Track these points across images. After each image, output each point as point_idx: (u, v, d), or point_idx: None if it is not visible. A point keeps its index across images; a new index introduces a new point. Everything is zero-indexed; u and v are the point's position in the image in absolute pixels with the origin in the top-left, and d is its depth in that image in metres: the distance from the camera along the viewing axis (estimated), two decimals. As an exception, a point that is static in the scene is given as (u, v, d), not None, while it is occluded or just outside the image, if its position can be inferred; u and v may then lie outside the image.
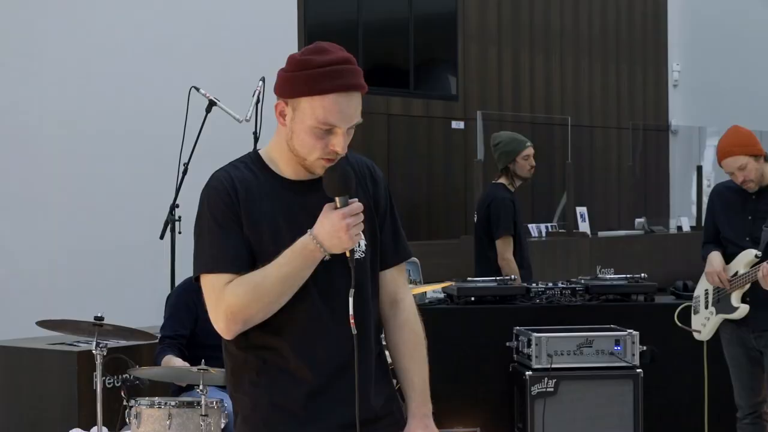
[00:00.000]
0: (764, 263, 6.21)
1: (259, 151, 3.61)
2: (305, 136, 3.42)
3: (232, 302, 3.35)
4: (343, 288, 3.38)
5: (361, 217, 3.35)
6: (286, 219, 3.45)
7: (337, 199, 3.35)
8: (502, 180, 8.85)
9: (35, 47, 10.34)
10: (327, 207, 3.35)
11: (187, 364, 6.17)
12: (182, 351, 6.41)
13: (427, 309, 7.41)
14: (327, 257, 3.36)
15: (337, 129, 3.44)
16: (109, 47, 10.82)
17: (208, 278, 3.41)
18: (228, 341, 3.51)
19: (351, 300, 3.35)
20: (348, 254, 3.37)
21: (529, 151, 8.83)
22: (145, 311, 8.85)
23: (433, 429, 3.75)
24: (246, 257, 3.40)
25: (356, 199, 3.38)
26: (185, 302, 6.63)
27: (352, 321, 3.34)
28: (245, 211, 3.42)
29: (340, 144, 3.44)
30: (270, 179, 3.51)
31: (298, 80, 3.40)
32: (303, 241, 3.34)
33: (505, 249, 8.46)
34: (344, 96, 3.45)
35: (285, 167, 3.53)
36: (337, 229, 3.31)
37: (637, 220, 14.09)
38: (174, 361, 6.27)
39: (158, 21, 11.22)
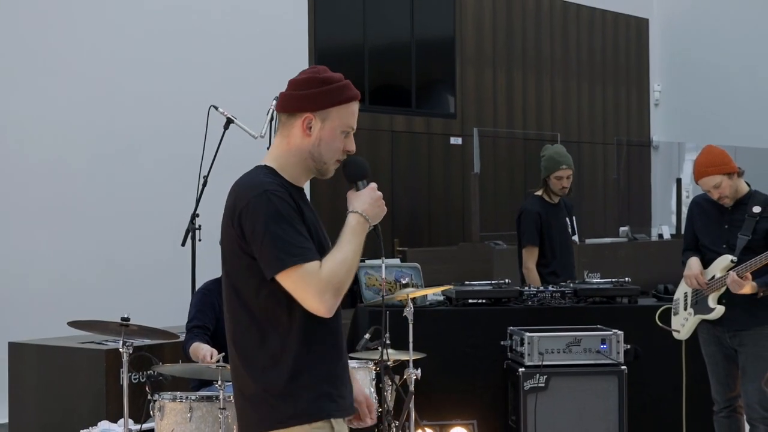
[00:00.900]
0: (731, 272, 6.24)
1: (266, 165, 3.74)
2: (332, 141, 3.67)
3: (336, 280, 3.51)
4: None
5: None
6: (307, 214, 3.69)
7: (358, 183, 3.68)
8: (540, 192, 8.56)
9: (67, 65, 10.36)
10: (350, 192, 3.69)
11: (214, 350, 6.17)
12: (208, 340, 6.41)
13: (427, 310, 7.41)
14: (371, 228, 3.67)
15: (351, 132, 3.73)
16: (137, 68, 10.85)
17: (303, 267, 3.49)
18: (267, 327, 3.59)
19: (383, 267, 3.73)
20: (377, 225, 3.70)
21: (562, 172, 8.35)
22: (168, 312, 8.84)
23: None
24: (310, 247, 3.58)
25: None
26: (210, 301, 6.63)
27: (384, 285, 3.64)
28: (300, 211, 3.63)
29: (353, 144, 3.74)
30: (289, 186, 3.67)
31: (330, 93, 3.65)
32: (356, 219, 3.63)
33: (527, 258, 8.33)
34: (356, 103, 3.74)
35: (290, 175, 3.71)
36: (376, 200, 3.66)
37: (622, 229, 14.09)
38: (202, 347, 6.26)
39: (180, 45, 11.24)
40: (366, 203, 3.65)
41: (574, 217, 8.62)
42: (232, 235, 3.59)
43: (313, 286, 3.49)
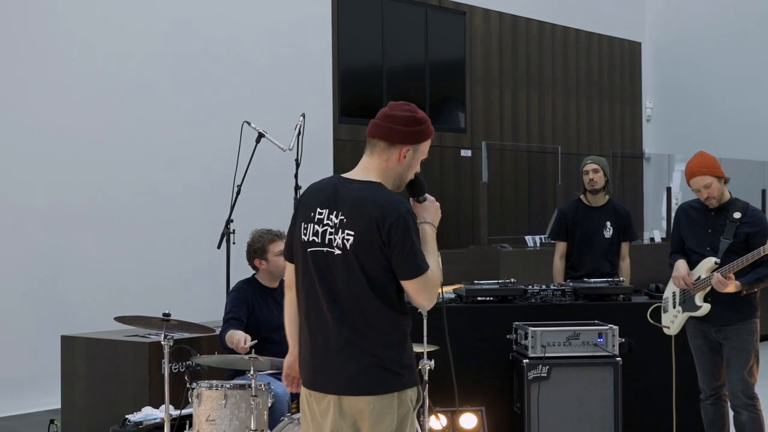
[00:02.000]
0: (715, 273, 6.23)
1: (381, 183, 4.11)
2: (416, 166, 4.16)
3: (439, 280, 4.01)
4: None
5: None
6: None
7: (420, 198, 4.18)
8: (580, 194, 8.54)
9: (125, 89, 10.39)
10: (416, 205, 4.15)
11: (247, 336, 6.18)
12: (242, 329, 6.43)
13: (441, 307, 7.40)
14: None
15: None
16: (180, 89, 10.89)
17: (428, 273, 3.93)
18: (396, 314, 3.99)
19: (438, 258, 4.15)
20: None
21: (588, 167, 8.35)
22: (205, 309, 8.86)
23: None
24: None
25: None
26: (243, 298, 6.65)
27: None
28: None
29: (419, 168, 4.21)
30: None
31: (424, 132, 4.17)
32: (430, 228, 4.12)
33: (555, 252, 8.45)
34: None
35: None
36: (437, 209, 4.19)
37: (617, 233, 14.06)
38: (237, 333, 6.28)
39: (218, 68, 11.28)
40: (432, 213, 4.16)
41: (625, 220, 8.43)
42: (377, 239, 3.91)
43: (430, 289, 3.97)
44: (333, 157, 12.56)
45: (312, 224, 4.02)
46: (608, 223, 8.31)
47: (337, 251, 3.95)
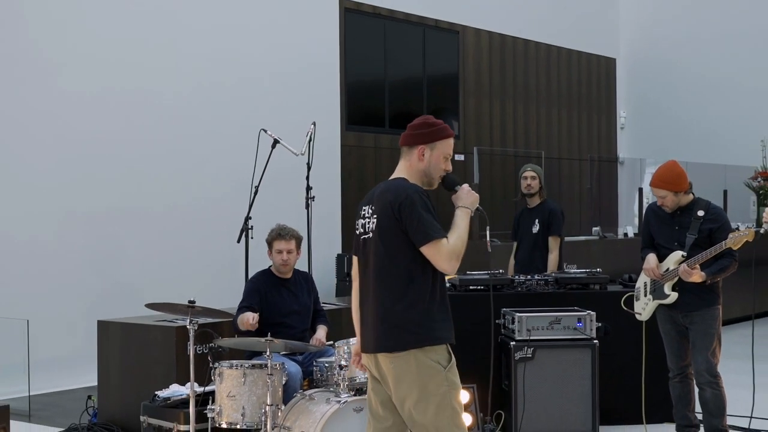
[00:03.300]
0: (683, 264, 6.24)
1: (402, 178, 4.40)
2: (438, 163, 4.40)
3: (457, 249, 4.22)
4: None
5: None
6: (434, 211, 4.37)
7: (455, 188, 4.47)
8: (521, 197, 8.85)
9: (156, 98, 10.40)
10: (453, 196, 4.45)
11: (256, 315, 6.22)
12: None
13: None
14: (473, 213, 4.42)
15: (449, 157, 4.46)
16: (204, 100, 10.89)
17: (440, 241, 4.19)
18: (411, 280, 4.24)
19: (488, 234, 4.68)
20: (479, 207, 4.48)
21: (525, 174, 8.64)
22: (226, 296, 8.85)
23: None
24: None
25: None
26: (257, 288, 6.67)
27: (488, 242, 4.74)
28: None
29: (450, 165, 4.46)
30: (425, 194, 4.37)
31: (436, 132, 4.39)
32: (460, 210, 4.39)
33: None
34: (452, 138, 4.48)
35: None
36: (468, 193, 4.44)
37: (594, 229, 14.03)
38: (247, 314, 6.32)
39: (237, 80, 11.28)
40: (463, 198, 4.41)
41: (549, 216, 8.59)
42: (392, 218, 4.24)
43: (444, 254, 4.19)
44: (340, 161, 12.56)
45: (360, 220, 4.43)
46: (537, 221, 8.58)
47: (370, 235, 4.34)
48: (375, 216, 4.31)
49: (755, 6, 16.42)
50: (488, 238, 4.67)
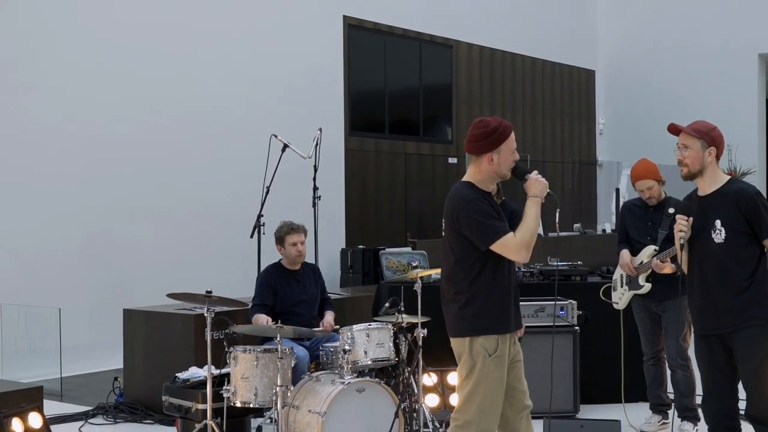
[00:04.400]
0: (655, 257, 6.25)
1: (468, 181, 4.41)
2: (507, 161, 4.36)
3: (525, 240, 4.21)
4: None
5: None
6: (497, 207, 4.40)
7: (525, 176, 4.39)
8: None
9: (177, 104, 10.40)
10: (525, 185, 4.38)
11: (269, 318, 6.21)
12: (267, 312, 6.46)
13: (432, 286, 7.39)
14: (543, 200, 4.35)
15: (515, 148, 4.41)
16: (220, 107, 10.90)
17: (503, 239, 4.21)
18: (467, 275, 4.30)
19: (557, 214, 4.73)
20: (550, 192, 4.42)
21: None
22: (240, 286, 8.86)
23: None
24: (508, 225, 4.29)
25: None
26: (268, 282, 6.66)
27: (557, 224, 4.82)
28: (492, 206, 4.33)
29: (517, 155, 4.41)
30: (482, 193, 4.38)
31: (498, 137, 4.34)
32: (530, 200, 4.32)
33: None
34: (512, 134, 4.43)
35: (482, 186, 4.40)
36: (535, 181, 4.37)
37: (575, 225, 14.03)
38: (261, 317, 6.32)
39: (250, 89, 11.29)
40: (532, 188, 4.34)
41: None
42: (453, 225, 4.31)
43: (512, 248, 4.21)
44: (344, 164, 12.56)
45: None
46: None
47: (443, 234, 4.49)
48: (444, 219, 4.45)
49: (720, 24, 16.43)
50: (557, 221, 4.65)
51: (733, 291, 4.51)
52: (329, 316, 6.79)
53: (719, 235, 4.56)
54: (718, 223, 4.57)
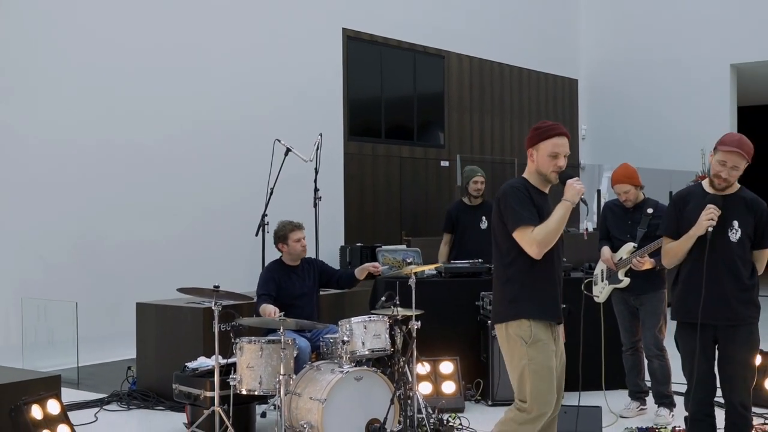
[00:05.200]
0: (634, 254, 6.26)
1: (523, 177, 4.33)
2: (544, 161, 4.25)
3: (540, 237, 4.11)
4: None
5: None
6: (540, 204, 4.25)
7: (567, 181, 4.24)
8: (464, 197, 8.49)
9: (191, 112, 10.38)
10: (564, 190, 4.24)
11: (276, 308, 6.20)
12: (272, 303, 6.44)
13: (425, 281, 7.41)
14: (574, 205, 4.20)
15: (559, 154, 4.26)
16: (228, 113, 10.89)
17: (524, 229, 4.14)
18: (505, 263, 4.24)
19: (585, 223, 4.55)
20: (583, 198, 4.25)
21: (476, 178, 8.32)
22: (246, 281, 8.87)
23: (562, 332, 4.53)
24: (537, 220, 4.17)
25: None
26: (272, 276, 6.66)
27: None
28: (533, 200, 4.21)
29: (561, 161, 4.27)
30: (532, 188, 4.28)
31: (537, 135, 4.25)
32: (563, 203, 4.18)
33: (443, 241, 8.41)
34: (559, 137, 4.26)
35: (535, 183, 4.31)
36: (569, 187, 4.22)
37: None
38: (269, 307, 6.29)
39: (255, 97, 11.28)
40: (567, 193, 4.19)
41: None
42: (497, 211, 4.24)
43: (526, 240, 4.12)
44: (343, 167, 12.55)
45: None
46: (483, 218, 8.31)
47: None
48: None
49: (694, 37, 16.45)
50: (585, 227, 4.61)
51: (739, 288, 4.57)
52: (360, 269, 6.81)
53: (735, 234, 4.57)
54: (736, 223, 4.59)
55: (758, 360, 5.51)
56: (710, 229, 4.50)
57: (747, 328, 4.60)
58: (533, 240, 4.10)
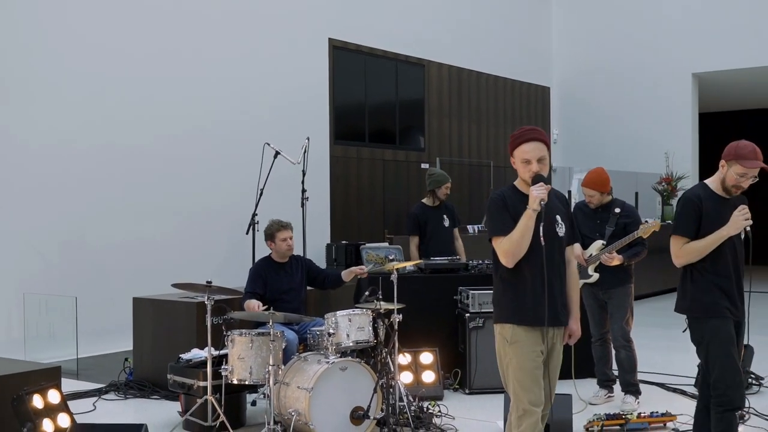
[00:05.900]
0: (603, 251, 6.30)
1: (514, 184, 4.17)
2: (518, 168, 4.09)
3: (505, 248, 3.97)
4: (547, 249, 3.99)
5: (545, 188, 3.97)
6: (516, 211, 4.02)
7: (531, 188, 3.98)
8: (425, 198, 8.56)
9: (182, 117, 10.33)
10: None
11: (260, 303, 6.19)
12: (257, 299, 6.43)
13: (406, 276, 7.41)
14: (537, 211, 3.92)
15: (530, 161, 4.04)
16: (219, 118, 10.85)
17: (498, 238, 4.03)
18: (498, 268, 4.11)
19: (542, 229, 3.95)
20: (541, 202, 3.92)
21: (448, 184, 8.50)
22: (237, 277, 8.83)
23: (578, 327, 4.35)
24: (510, 229, 3.98)
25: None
26: (260, 273, 6.64)
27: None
28: (508, 209, 4.04)
29: (534, 167, 4.03)
30: (517, 196, 4.11)
31: (512, 142, 4.11)
32: (526, 213, 3.92)
33: (411, 243, 8.37)
34: (529, 143, 4.06)
35: (522, 190, 4.11)
36: (533, 196, 3.96)
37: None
38: (252, 302, 6.29)
39: (244, 103, 11.23)
40: (529, 200, 3.95)
41: (454, 213, 8.56)
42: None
43: (498, 250, 4.03)
44: (329, 169, 12.54)
45: None
46: (444, 216, 8.40)
47: None
48: None
49: (658, 47, 16.53)
50: (541, 233, 3.96)
51: (742, 284, 4.63)
52: (346, 271, 6.78)
53: (741, 234, 4.54)
54: None
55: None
56: (748, 228, 4.44)
57: (743, 321, 4.67)
58: (501, 250, 3.99)
